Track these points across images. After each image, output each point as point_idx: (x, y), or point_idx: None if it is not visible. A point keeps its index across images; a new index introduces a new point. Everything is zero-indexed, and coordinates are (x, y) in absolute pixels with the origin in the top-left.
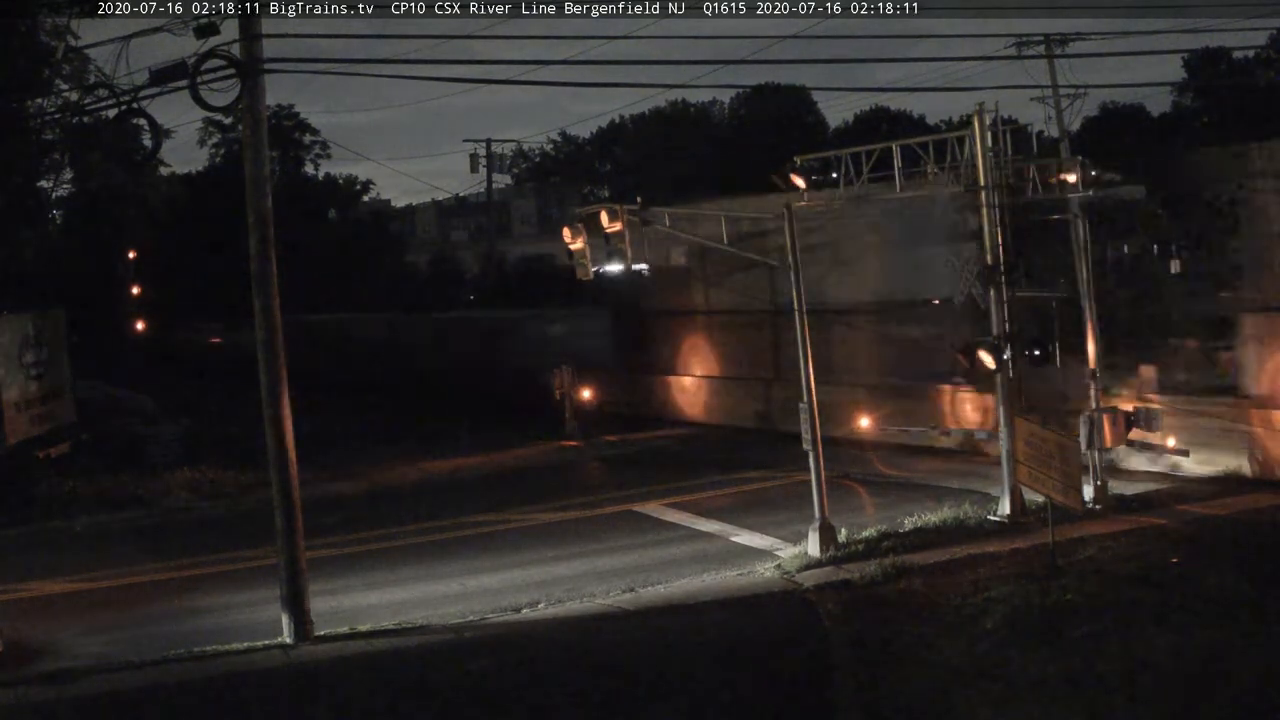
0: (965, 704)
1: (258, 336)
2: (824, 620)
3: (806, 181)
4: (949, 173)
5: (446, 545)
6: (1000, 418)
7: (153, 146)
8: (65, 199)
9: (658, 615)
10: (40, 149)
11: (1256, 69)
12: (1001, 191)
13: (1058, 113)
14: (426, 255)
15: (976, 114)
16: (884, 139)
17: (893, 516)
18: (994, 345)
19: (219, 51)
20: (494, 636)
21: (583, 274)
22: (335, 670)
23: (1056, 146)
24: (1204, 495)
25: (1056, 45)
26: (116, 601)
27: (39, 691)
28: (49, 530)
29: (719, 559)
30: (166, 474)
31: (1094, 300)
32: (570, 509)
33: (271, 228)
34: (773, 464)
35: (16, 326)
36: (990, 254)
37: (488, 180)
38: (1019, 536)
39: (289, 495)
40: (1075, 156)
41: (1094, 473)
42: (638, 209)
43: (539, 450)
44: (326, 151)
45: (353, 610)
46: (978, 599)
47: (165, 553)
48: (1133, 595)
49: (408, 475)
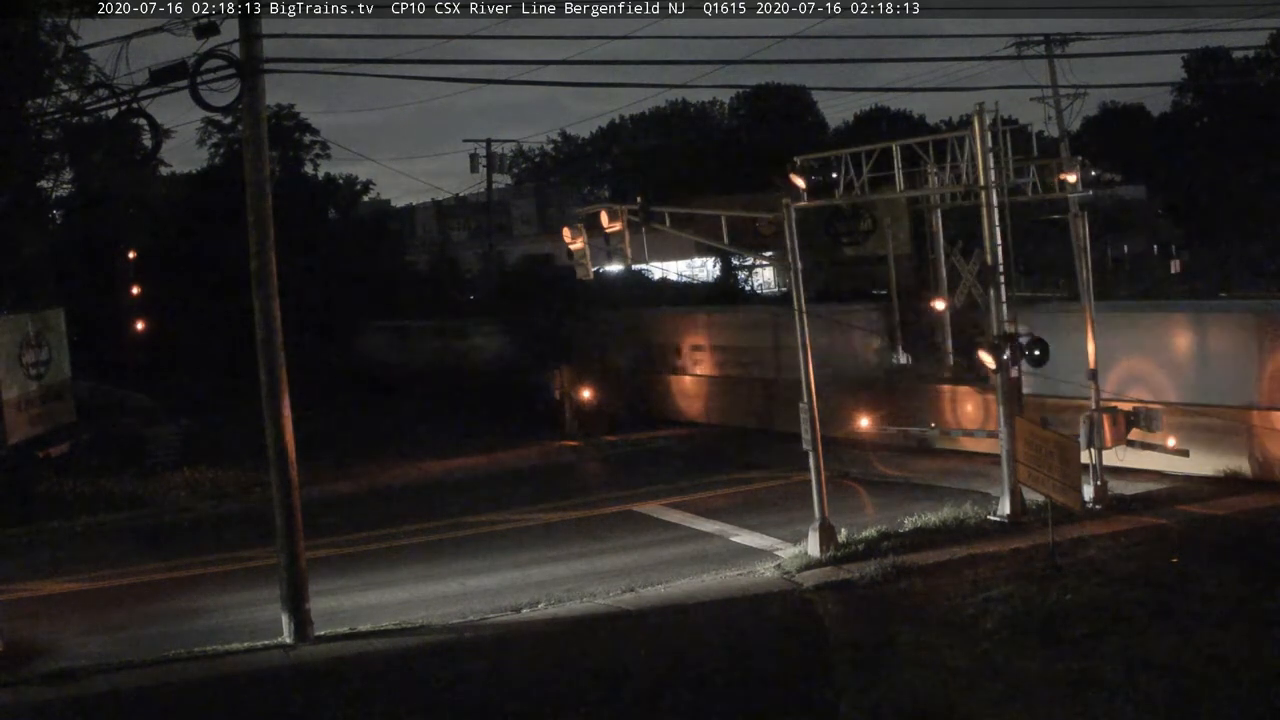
0: (965, 704)
1: (258, 336)
2: (824, 620)
3: (806, 181)
4: (949, 173)
5: (446, 545)
6: (1000, 418)
7: (153, 146)
8: (65, 199)
9: (658, 615)
10: (40, 149)
11: (1256, 69)
12: (1001, 191)
13: (1058, 113)
14: (426, 255)
15: (976, 114)
16: (884, 139)
17: (893, 516)
18: (994, 345)
19: (219, 51)
20: (494, 636)
21: (583, 274)
22: (335, 670)
23: (1056, 146)
24: (1204, 495)
25: (1056, 45)
26: (116, 601)
27: (39, 691)
28: (49, 530)
29: (719, 559)
30: (166, 474)
31: (1094, 300)
32: (570, 509)
33: (271, 228)
34: (772, 464)
35: (16, 326)
36: (990, 254)
37: (488, 180)
38: (1019, 536)
39: (289, 495)
40: (1075, 156)
41: (1094, 473)
42: (638, 209)
43: (539, 450)
44: (326, 151)
45: (353, 610)
46: (978, 599)
47: (165, 553)
48: (1133, 595)
49: (407, 475)
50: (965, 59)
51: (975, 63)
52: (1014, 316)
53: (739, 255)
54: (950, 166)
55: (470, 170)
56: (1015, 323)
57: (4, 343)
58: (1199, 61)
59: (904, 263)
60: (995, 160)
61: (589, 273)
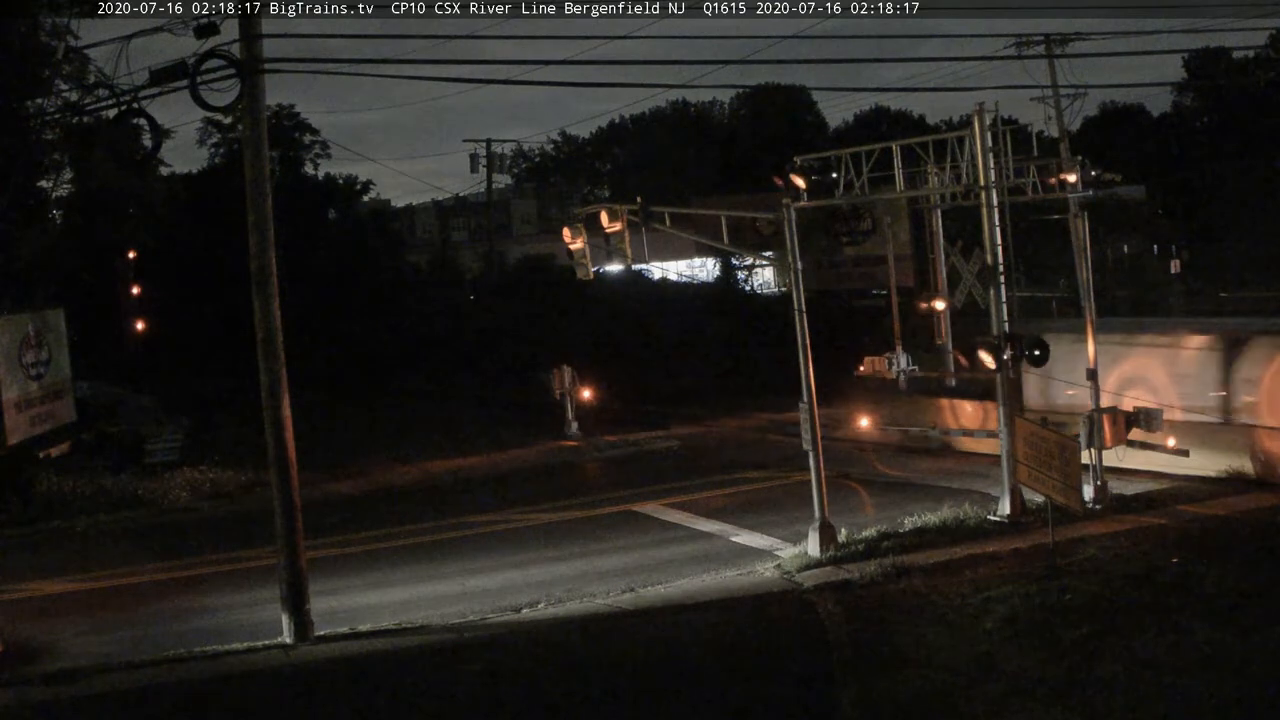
0: (965, 704)
1: (258, 336)
2: (824, 620)
3: (806, 182)
4: (949, 173)
5: (446, 545)
6: (1000, 418)
7: (153, 146)
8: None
9: (658, 615)
10: (40, 149)
11: (1256, 69)
12: (1002, 191)
13: (1058, 113)
14: (426, 255)
15: (976, 114)
16: (884, 139)
17: (893, 516)
18: (994, 345)
19: (219, 51)
20: (494, 636)
21: (583, 274)
22: (335, 671)
23: (1056, 146)
24: (1204, 495)
25: (1056, 45)
26: (116, 601)
27: (39, 691)
28: (49, 530)
29: (719, 559)
30: (166, 474)
31: (1094, 300)
32: (570, 509)
33: (271, 228)
34: (773, 464)
35: (16, 326)
36: (990, 254)
37: (488, 180)
38: (1019, 536)
39: (289, 495)
40: (1075, 156)
41: (1094, 473)
42: (638, 209)
43: (539, 450)
44: (326, 151)
45: (353, 610)
46: (978, 599)
47: (165, 553)
48: (1133, 595)
49: (408, 475)
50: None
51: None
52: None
53: (739, 255)
54: (950, 166)
55: (470, 170)
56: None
57: (4, 343)
58: (1199, 61)
59: (904, 263)
60: (995, 160)
61: (589, 273)
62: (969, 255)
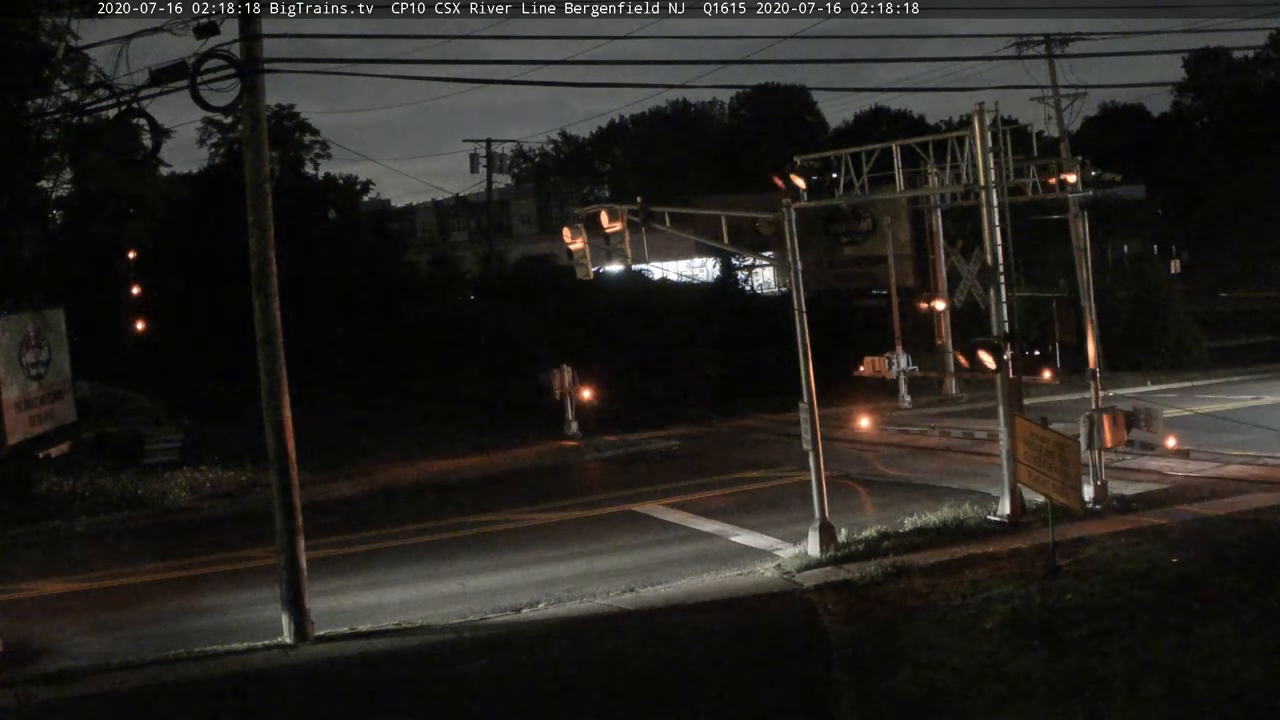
0: (965, 704)
1: (258, 336)
2: (824, 620)
3: (806, 182)
4: (949, 173)
5: (446, 545)
6: (1000, 418)
7: (153, 146)
8: (65, 199)
9: (658, 615)
10: (40, 149)
11: (1256, 69)
12: (1002, 191)
13: (1058, 113)
14: (426, 255)
15: (976, 114)
16: (884, 139)
17: (893, 516)
18: (994, 345)
19: (219, 51)
20: (494, 637)
21: (583, 274)
22: (335, 671)
23: (1056, 146)
24: (1204, 495)
25: (1056, 45)
26: (116, 601)
27: (39, 691)
28: (49, 530)
29: (719, 559)
30: (166, 474)
31: (1094, 300)
32: (570, 509)
33: (271, 228)
34: (772, 464)
35: (16, 326)
36: (990, 254)
37: (488, 180)
38: (1019, 536)
39: (289, 495)
40: (1075, 156)
41: (1094, 472)
42: (638, 209)
43: (539, 450)
44: (326, 151)
45: (353, 610)
46: (977, 599)
47: (165, 553)
48: (1133, 595)
49: (408, 475)
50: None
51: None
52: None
53: (739, 255)
54: (950, 166)
55: (470, 170)
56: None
57: (4, 343)
58: (1199, 61)
59: (904, 263)
60: (995, 160)
61: (589, 273)
62: (969, 255)
